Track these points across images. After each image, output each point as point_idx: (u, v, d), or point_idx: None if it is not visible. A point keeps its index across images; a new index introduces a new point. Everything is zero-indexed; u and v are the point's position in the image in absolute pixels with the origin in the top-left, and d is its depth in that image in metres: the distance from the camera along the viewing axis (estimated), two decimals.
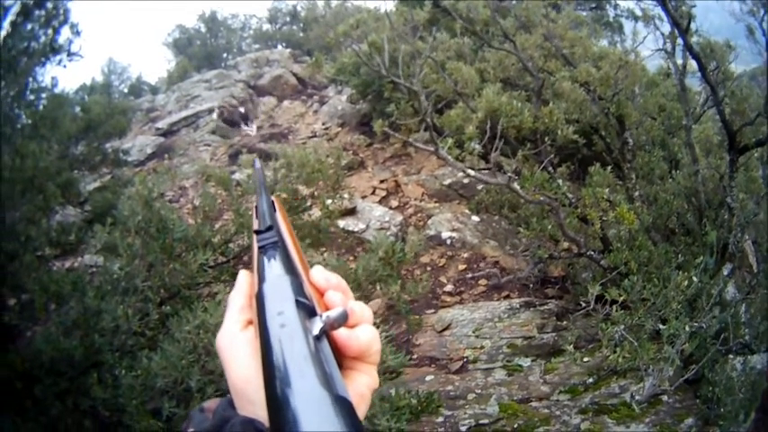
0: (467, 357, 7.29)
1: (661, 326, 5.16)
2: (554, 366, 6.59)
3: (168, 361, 4.47)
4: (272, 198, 1.04)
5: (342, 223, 9.97)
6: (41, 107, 7.34)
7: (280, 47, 28.25)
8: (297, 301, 0.71)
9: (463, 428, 5.84)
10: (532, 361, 6.85)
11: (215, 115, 17.70)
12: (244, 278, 0.88)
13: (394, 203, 12.28)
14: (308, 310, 0.71)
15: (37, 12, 6.40)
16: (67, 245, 8.66)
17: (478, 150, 7.68)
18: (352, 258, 9.09)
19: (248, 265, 0.93)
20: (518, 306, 8.17)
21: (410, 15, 9.55)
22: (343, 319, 0.72)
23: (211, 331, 4.48)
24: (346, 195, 9.70)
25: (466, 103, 8.19)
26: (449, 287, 9.37)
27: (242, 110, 17.79)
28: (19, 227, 6.37)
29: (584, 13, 11.24)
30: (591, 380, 6.12)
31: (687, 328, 4.95)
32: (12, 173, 5.90)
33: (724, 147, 6.93)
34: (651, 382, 5.24)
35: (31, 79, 6.52)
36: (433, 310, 8.65)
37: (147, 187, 6.51)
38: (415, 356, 7.47)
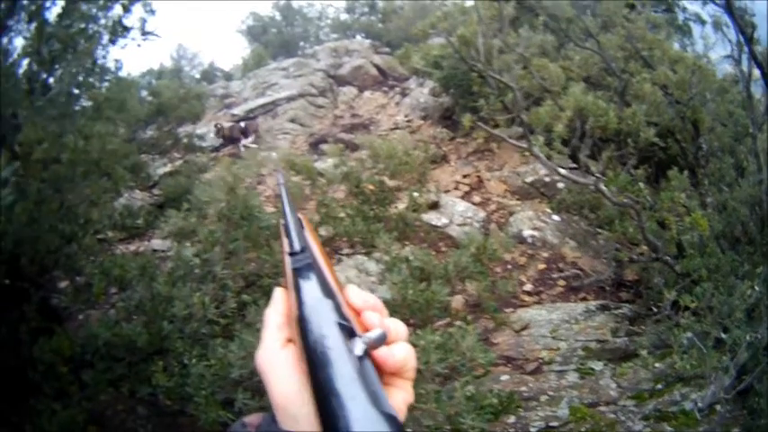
0: (542, 358, 7.46)
1: (723, 334, 5.39)
2: (624, 371, 6.74)
3: (246, 351, 4.59)
4: (300, 216, 1.09)
5: (425, 217, 10.17)
6: (105, 89, 7.35)
7: (358, 37, 28.73)
8: (339, 324, 0.80)
9: (533, 430, 6.04)
10: (604, 365, 7.02)
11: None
12: (279, 296, 0.94)
13: (476, 199, 12.58)
14: (348, 332, 0.79)
15: None
16: (134, 229, 8.88)
17: (567, 151, 8.04)
18: (434, 253, 9.34)
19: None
20: (594, 309, 8.36)
21: (499, 10, 9.91)
22: (382, 340, 0.80)
23: None
24: (432, 189, 9.90)
25: (554, 100, 8.40)
26: (528, 286, 9.64)
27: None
28: (79, 209, 6.41)
29: (658, 15, 11.39)
30: (660, 386, 6.28)
31: (748, 338, 5.20)
32: (74, 154, 5.91)
33: None
34: (712, 391, 5.42)
35: (90, 61, 6.42)
36: (511, 309, 8.84)
37: (232, 173, 6.64)
38: (492, 355, 7.71)
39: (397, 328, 0.87)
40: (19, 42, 5.49)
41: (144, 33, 6.48)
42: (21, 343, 5.33)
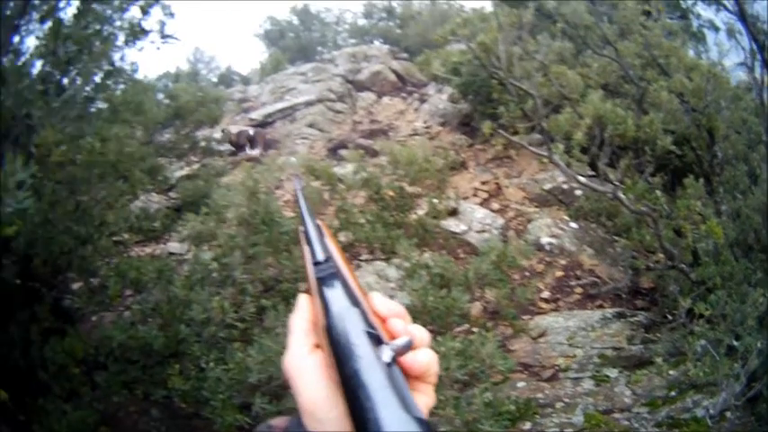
0: (558, 366, 7.58)
1: (735, 342, 5.50)
2: (638, 378, 6.85)
3: (266, 356, 4.67)
4: (319, 222, 1.14)
5: (444, 224, 10.11)
6: (120, 92, 7.40)
7: (376, 42, 28.84)
8: (366, 333, 0.82)
9: None
10: (619, 372, 7.12)
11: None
12: (305, 302, 0.97)
13: (495, 206, 12.74)
14: (375, 339, 0.82)
15: None
16: (150, 231, 8.76)
17: (587, 159, 8.14)
18: (453, 259, 9.41)
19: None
20: (610, 316, 8.46)
21: (519, 17, 10.02)
22: (408, 347, 0.83)
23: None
24: (452, 196, 9.90)
25: (573, 108, 8.49)
26: (545, 294, 9.79)
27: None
28: (95, 210, 6.50)
29: (673, 22, 11.45)
30: (673, 393, 6.37)
31: (759, 345, 5.28)
32: (91, 156, 5.95)
33: None
34: (723, 398, 5.50)
35: (106, 62, 6.30)
36: (529, 316, 8.99)
37: (253, 179, 6.79)
38: (512, 362, 7.68)
39: (421, 334, 0.90)
40: (31, 42, 5.43)
41: (163, 36, 6.49)
42: (31, 343, 5.42)
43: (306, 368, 0.87)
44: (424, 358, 0.85)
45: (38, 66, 5.45)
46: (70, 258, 6.08)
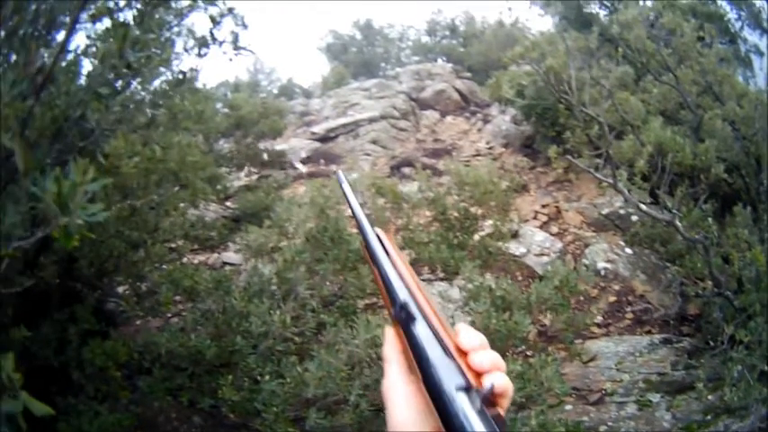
0: (605, 390, 7.87)
1: (767, 367, 5.85)
2: (678, 403, 7.13)
3: (325, 371, 4.83)
4: (378, 231, 1.17)
5: (504, 246, 10.17)
6: (179, 99, 7.45)
7: (440, 60, 28.99)
8: (459, 388, 0.90)
9: None
10: (661, 397, 7.43)
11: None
12: (392, 334, 1.08)
13: (554, 229, 13.01)
14: (467, 390, 0.90)
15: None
16: (206, 240, 8.99)
17: (647, 186, 8.45)
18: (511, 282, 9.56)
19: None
20: (658, 342, 8.77)
21: (586, 42, 10.41)
22: (492, 390, 0.90)
23: (380, 346, 4.32)
24: (515, 218, 10.16)
25: (636, 135, 8.86)
26: (598, 318, 10.00)
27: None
28: (149, 216, 6.66)
29: (723, 48, 11.65)
30: (709, 417, 6.64)
31: None
32: (150, 163, 6.07)
33: None
34: (751, 421, 5.79)
35: (164, 68, 6.28)
36: (581, 340, 9.14)
37: (324, 195, 7.08)
38: (568, 386, 7.57)
39: (498, 361, 0.96)
40: (80, 41, 5.28)
41: (236, 48, 6.40)
42: (68, 343, 5.54)
43: (399, 392, 1.01)
44: (502, 382, 0.93)
45: (87, 65, 5.35)
46: (118, 262, 6.29)
